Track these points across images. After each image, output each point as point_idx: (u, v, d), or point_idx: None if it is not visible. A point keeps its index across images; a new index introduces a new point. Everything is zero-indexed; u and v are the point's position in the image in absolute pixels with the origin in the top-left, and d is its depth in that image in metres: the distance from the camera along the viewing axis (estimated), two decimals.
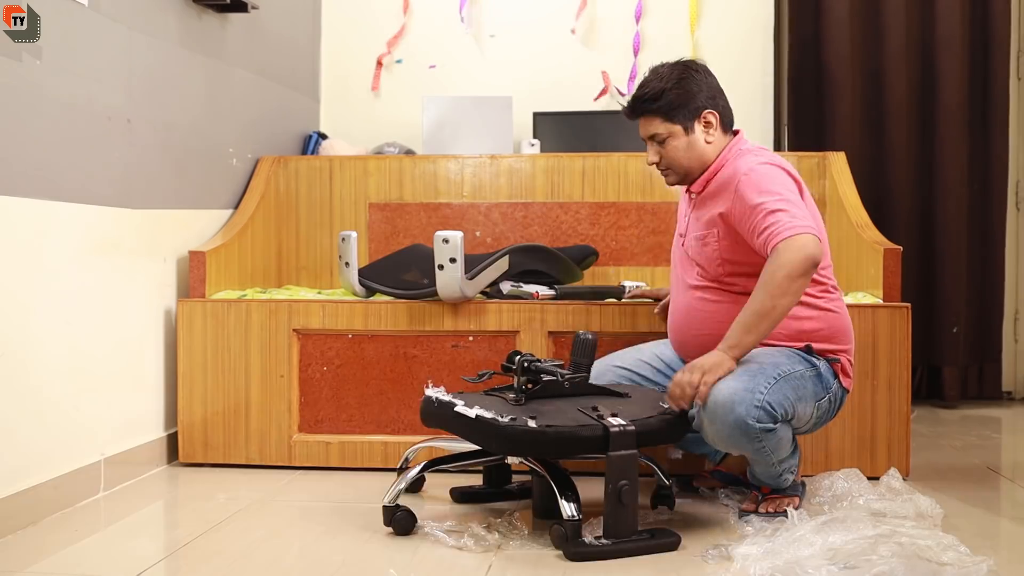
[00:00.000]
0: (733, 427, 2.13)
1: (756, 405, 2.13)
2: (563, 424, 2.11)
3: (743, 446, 2.19)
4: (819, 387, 2.29)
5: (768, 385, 2.16)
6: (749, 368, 2.19)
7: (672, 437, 2.24)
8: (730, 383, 2.15)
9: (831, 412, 2.36)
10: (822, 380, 2.30)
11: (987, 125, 4.02)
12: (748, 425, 2.13)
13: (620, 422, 2.11)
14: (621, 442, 2.09)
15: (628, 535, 2.09)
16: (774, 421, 2.17)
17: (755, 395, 2.13)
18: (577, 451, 2.13)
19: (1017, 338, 4.22)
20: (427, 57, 4.15)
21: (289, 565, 2.09)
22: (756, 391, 2.14)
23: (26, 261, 2.34)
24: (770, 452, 2.23)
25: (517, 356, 2.33)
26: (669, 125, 2.36)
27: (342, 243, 2.98)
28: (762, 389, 2.15)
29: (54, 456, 2.44)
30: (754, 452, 2.22)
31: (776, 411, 2.16)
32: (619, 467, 2.08)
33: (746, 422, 2.12)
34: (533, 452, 2.19)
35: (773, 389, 2.17)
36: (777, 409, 2.16)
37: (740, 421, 2.12)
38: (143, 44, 2.80)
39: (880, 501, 2.36)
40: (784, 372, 2.21)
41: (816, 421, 2.34)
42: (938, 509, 2.30)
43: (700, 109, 2.36)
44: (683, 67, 2.39)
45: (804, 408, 2.25)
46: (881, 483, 2.50)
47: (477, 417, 2.15)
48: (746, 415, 2.12)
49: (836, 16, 3.97)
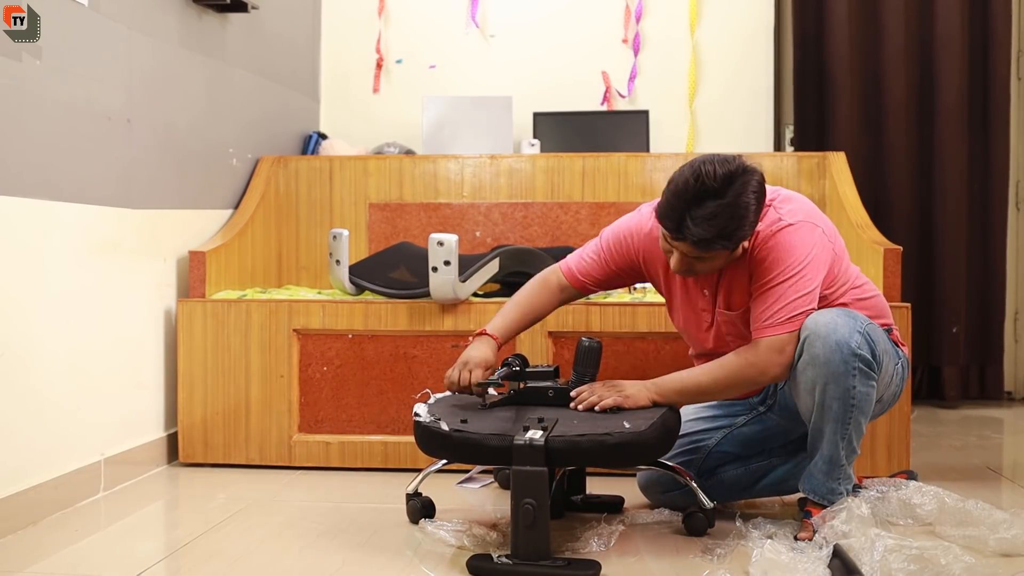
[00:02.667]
0: (835, 348, 2.05)
1: (859, 331, 2.08)
2: (473, 431, 2.03)
3: (834, 385, 2.07)
4: (891, 347, 2.24)
5: (866, 322, 2.13)
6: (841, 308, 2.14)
7: (610, 463, 2.04)
8: (830, 314, 2.09)
9: (901, 381, 2.31)
10: (892, 342, 2.25)
11: (987, 125, 4.02)
12: (850, 347, 2.05)
13: (531, 436, 1.96)
14: (525, 457, 1.94)
15: (536, 558, 1.93)
16: (872, 356, 2.09)
17: (857, 322, 2.09)
18: (487, 459, 2.08)
19: (1017, 338, 4.22)
20: (427, 57, 4.15)
21: (289, 565, 2.08)
22: (857, 320, 2.10)
23: (26, 261, 2.34)
24: (854, 408, 2.09)
25: (508, 360, 2.31)
26: (723, 252, 2.12)
27: (333, 241, 2.98)
28: (862, 321, 2.11)
29: (54, 456, 2.44)
30: (841, 401, 2.08)
31: (875, 345, 2.10)
32: (521, 484, 1.93)
33: (848, 343, 2.05)
34: (445, 455, 2.15)
35: (870, 327, 2.13)
36: (876, 343, 2.11)
37: (843, 341, 2.05)
38: (143, 44, 2.80)
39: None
40: (870, 321, 2.16)
41: (896, 389, 2.28)
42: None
43: (753, 231, 2.13)
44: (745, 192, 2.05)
45: (889, 364, 2.20)
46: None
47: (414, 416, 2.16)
48: (849, 337, 2.06)
49: (836, 16, 3.97)
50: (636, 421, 2.06)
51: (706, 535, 2.21)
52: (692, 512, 2.24)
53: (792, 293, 2.11)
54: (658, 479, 2.41)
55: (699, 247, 2.07)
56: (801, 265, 2.11)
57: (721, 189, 2.02)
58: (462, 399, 2.31)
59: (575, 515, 2.38)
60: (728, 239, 2.06)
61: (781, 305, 2.11)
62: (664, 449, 2.11)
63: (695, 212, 2.03)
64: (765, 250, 2.14)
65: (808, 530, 2.14)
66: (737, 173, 2.05)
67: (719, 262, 2.16)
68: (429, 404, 2.25)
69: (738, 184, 2.04)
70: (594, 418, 2.10)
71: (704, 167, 2.04)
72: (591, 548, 2.10)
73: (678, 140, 4.03)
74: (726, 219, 2.03)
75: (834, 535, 2.02)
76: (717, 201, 2.02)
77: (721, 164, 2.05)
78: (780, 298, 2.11)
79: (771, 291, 2.12)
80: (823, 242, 2.17)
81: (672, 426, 2.14)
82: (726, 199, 2.02)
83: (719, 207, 2.02)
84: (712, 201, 2.02)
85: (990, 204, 4.04)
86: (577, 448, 1.98)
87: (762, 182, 2.10)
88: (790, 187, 2.51)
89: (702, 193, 2.03)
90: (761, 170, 2.12)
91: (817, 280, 2.14)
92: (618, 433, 2.00)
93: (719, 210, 2.02)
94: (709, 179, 2.02)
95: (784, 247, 2.13)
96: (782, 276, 2.11)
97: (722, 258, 2.14)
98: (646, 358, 2.78)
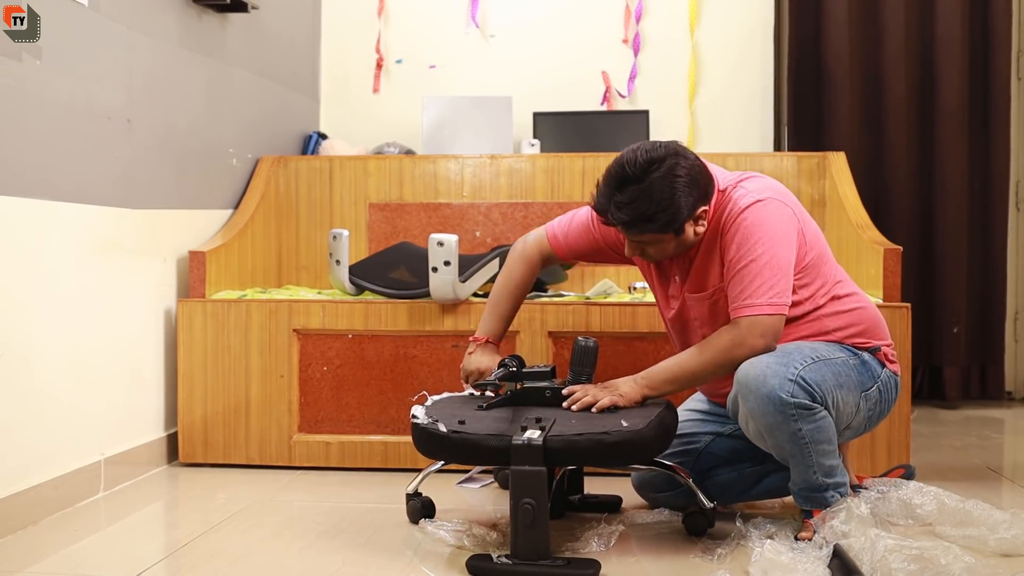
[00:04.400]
0: (766, 401, 2.01)
1: (790, 379, 2.01)
2: (471, 431, 2.03)
3: (778, 432, 2.04)
4: (865, 375, 2.16)
5: (804, 363, 2.05)
6: (784, 348, 2.09)
7: (608, 461, 2.04)
8: (764, 359, 2.05)
9: (884, 402, 2.23)
10: (867, 368, 2.17)
11: (987, 125, 4.03)
12: (781, 399, 2.00)
13: (529, 436, 1.96)
14: (523, 457, 1.94)
15: (536, 558, 1.93)
16: (812, 399, 2.03)
17: (789, 369, 2.03)
18: (485, 460, 2.08)
19: (1018, 338, 4.22)
20: (427, 57, 4.15)
21: (289, 565, 2.08)
22: (791, 366, 2.03)
23: (26, 261, 2.34)
24: (809, 445, 2.05)
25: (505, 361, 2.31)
26: (658, 236, 2.14)
27: (333, 241, 2.98)
28: (797, 365, 2.04)
29: (54, 456, 2.44)
30: (792, 443, 2.05)
31: (813, 388, 2.03)
32: (520, 484, 1.93)
33: (779, 395, 2.00)
34: (444, 457, 2.15)
35: (810, 368, 2.05)
36: (814, 387, 2.03)
37: (773, 394, 2.00)
38: (143, 44, 2.80)
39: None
40: (823, 356, 2.10)
41: (870, 414, 2.20)
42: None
43: (691, 214, 2.13)
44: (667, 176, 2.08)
45: (848, 397, 2.12)
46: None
47: (412, 418, 2.15)
48: (779, 387, 2.00)
49: (836, 16, 3.97)
50: (634, 420, 2.06)
51: (706, 535, 2.21)
52: (692, 512, 2.24)
53: (768, 272, 2.08)
54: (651, 479, 2.40)
55: (627, 230, 2.14)
56: (771, 240, 2.10)
57: (641, 175, 2.07)
58: (459, 400, 2.31)
59: (574, 515, 2.38)
60: (652, 222, 2.09)
61: (758, 284, 2.08)
62: (662, 447, 2.11)
63: (617, 197, 2.10)
64: (734, 227, 2.13)
65: (808, 530, 2.14)
66: (659, 158, 2.09)
67: (669, 246, 2.16)
68: (426, 406, 2.25)
69: (660, 169, 2.08)
70: (591, 417, 2.10)
71: (628, 154, 2.11)
72: (591, 548, 2.10)
73: (678, 140, 4.02)
74: (644, 203, 2.07)
75: (834, 535, 2.02)
76: (636, 186, 2.08)
77: (646, 151, 2.10)
78: (756, 276, 2.08)
79: (745, 269, 2.09)
80: (791, 217, 2.15)
81: (670, 424, 2.14)
82: (643, 184, 2.07)
83: (637, 191, 2.07)
84: (632, 186, 2.08)
85: (990, 204, 4.04)
86: (575, 447, 1.98)
87: (692, 166, 2.11)
88: (790, 187, 2.51)
89: (623, 179, 2.09)
90: (695, 155, 2.15)
91: (790, 255, 2.12)
92: (616, 432, 2.00)
93: (637, 194, 2.07)
94: (630, 166, 2.09)
95: (754, 222, 2.11)
96: (753, 252, 2.09)
97: (668, 242, 2.15)
98: (646, 358, 2.78)
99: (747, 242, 2.10)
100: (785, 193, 2.21)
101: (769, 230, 2.11)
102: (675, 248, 2.18)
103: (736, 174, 2.25)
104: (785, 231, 2.13)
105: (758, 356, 2.07)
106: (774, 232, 2.11)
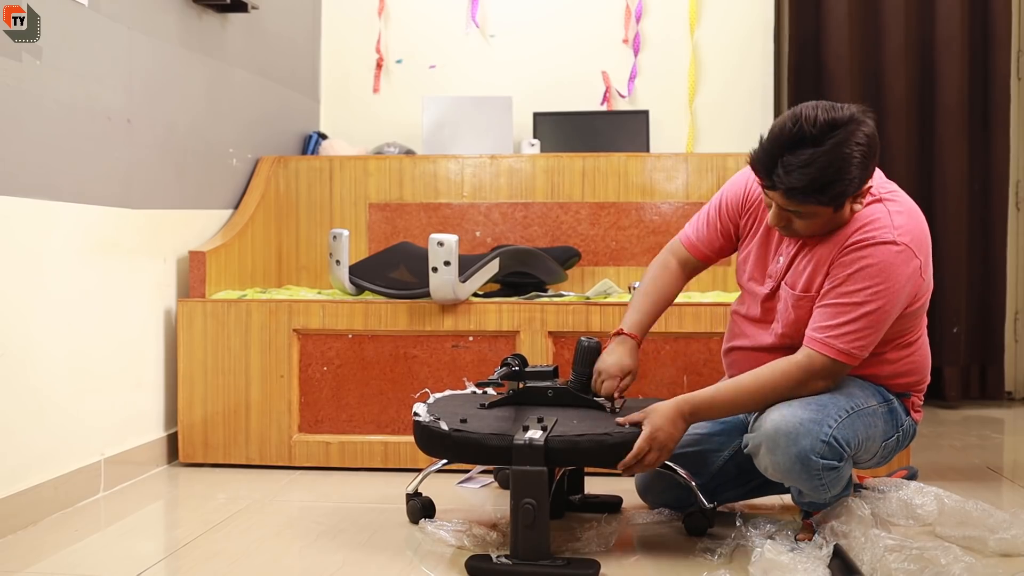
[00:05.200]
0: (795, 460, 1.94)
1: (823, 440, 1.93)
2: (473, 430, 2.03)
3: (800, 481, 1.99)
4: (889, 424, 2.10)
5: (839, 419, 1.96)
6: (819, 399, 1.98)
7: (608, 462, 2.03)
8: (797, 411, 1.94)
9: (898, 449, 2.17)
10: (894, 417, 2.11)
11: (987, 125, 4.03)
12: (811, 461, 1.93)
13: (531, 436, 1.96)
14: (525, 457, 1.94)
15: (536, 558, 1.92)
16: (839, 459, 1.96)
17: (823, 428, 1.93)
18: (486, 459, 2.06)
19: (1018, 338, 4.22)
20: (427, 57, 4.15)
21: (289, 565, 2.08)
22: (825, 423, 1.93)
23: (26, 261, 2.34)
24: (826, 488, 2.01)
25: (507, 360, 2.31)
26: (818, 208, 1.93)
27: (333, 241, 2.98)
28: (831, 423, 1.94)
29: (54, 456, 2.44)
30: (810, 488, 2.01)
31: (843, 449, 1.96)
32: (521, 484, 1.93)
33: (810, 457, 1.92)
34: (445, 455, 2.14)
35: (843, 424, 1.96)
36: (844, 447, 1.96)
37: (803, 455, 1.92)
38: (143, 44, 2.80)
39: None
40: (857, 407, 2.01)
41: (880, 459, 2.16)
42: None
43: (858, 189, 1.94)
44: (846, 142, 1.87)
45: (871, 445, 2.07)
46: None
47: (414, 416, 2.15)
48: (811, 450, 1.92)
49: (836, 16, 3.97)
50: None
51: (706, 535, 2.21)
52: (692, 512, 2.24)
53: (866, 321, 1.95)
54: (653, 483, 2.39)
55: (791, 197, 1.91)
56: (888, 293, 1.94)
57: (820, 136, 1.86)
58: (462, 399, 2.31)
59: (574, 515, 2.38)
60: (822, 192, 1.88)
61: (852, 328, 1.95)
62: None
63: (788, 159, 1.87)
64: (858, 256, 1.96)
65: (808, 530, 2.14)
66: (841, 121, 1.87)
67: (819, 222, 1.96)
68: (428, 404, 2.25)
69: (841, 133, 1.86)
70: (589, 419, 2.10)
71: (805, 111, 1.88)
72: (591, 548, 2.10)
73: (678, 140, 4.03)
74: (821, 168, 1.85)
75: (834, 535, 2.02)
76: (814, 148, 1.85)
77: (825, 110, 1.88)
78: (854, 320, 1.95)
79: (847, 305, 1.96)
80: (916, 275, 1.99)
81: None
82: (823, 146, 1.85)
83: (815, 155, 1.85)
84: (808, 148, 1.86)
85: (990, 204, 4.05)
86: (577, 448, 1.98)
87: (872, 135, 1.90)
88: None
89: (798, 139, 1.87)
90: (873, 123, 1.92)
91: (894, 314, 1.99)
92: (618, 433, 2.00)
93: (814, 158, 1.85)
94: (808, 124, 1.86)
95: (881, 267, 1.94)
96: (864, 295, 1.94)
97: (822, 216, 1.95)
98: (646, 358, 2.78)
99: (863, 280, 1.95)
100: (922, 238, 2.02)
101: (891, 283, 1.95)
102: (824, 225, 1.98)
103: (882, 177, 2.07)
104: (905, 290, 1.98)
105: (792, 403, 1.97)
106: (893, 284, 1.95)
